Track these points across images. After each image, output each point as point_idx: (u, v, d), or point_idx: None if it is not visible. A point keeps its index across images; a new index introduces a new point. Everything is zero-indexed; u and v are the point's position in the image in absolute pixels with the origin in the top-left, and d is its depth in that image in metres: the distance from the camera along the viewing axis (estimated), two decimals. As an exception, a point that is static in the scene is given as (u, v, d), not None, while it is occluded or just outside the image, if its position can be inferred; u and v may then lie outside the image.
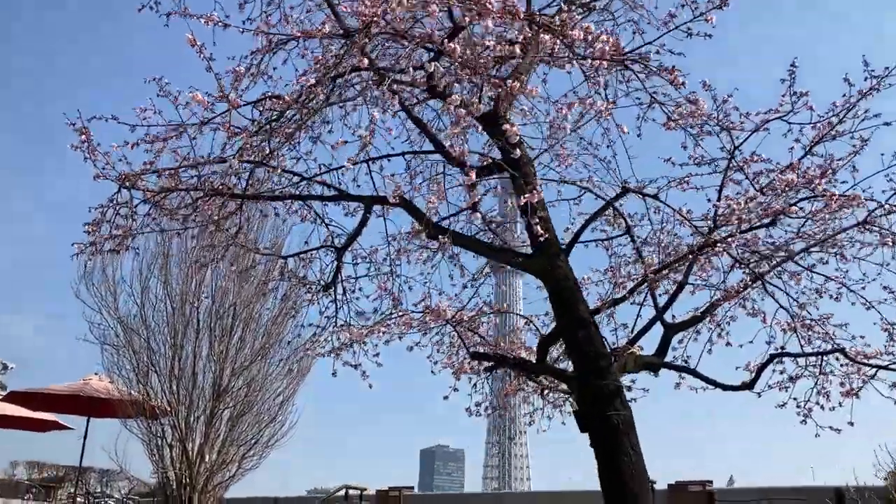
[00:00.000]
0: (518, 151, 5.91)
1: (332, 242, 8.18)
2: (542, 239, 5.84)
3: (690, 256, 6.15)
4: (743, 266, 7.16)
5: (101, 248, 7.28)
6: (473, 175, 5.08)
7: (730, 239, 5.70)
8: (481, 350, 8.26)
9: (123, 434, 13.39)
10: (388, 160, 7.85)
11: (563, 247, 6.45)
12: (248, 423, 13.38)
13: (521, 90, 5.24)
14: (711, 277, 7.73)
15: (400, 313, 6.73)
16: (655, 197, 6.02)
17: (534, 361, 7.55)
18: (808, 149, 7.14)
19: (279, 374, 13.77)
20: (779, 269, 7.36)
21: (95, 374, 15.58)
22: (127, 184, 6.88)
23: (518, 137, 5.67)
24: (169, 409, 12.99)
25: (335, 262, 8.30)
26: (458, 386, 8.82)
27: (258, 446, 13.42)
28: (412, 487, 18.69)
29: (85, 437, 15.67)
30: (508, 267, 8.34)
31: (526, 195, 5.51)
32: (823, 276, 7.66)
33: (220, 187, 7.58)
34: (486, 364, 7.56)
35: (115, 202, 7.14)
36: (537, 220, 5.66)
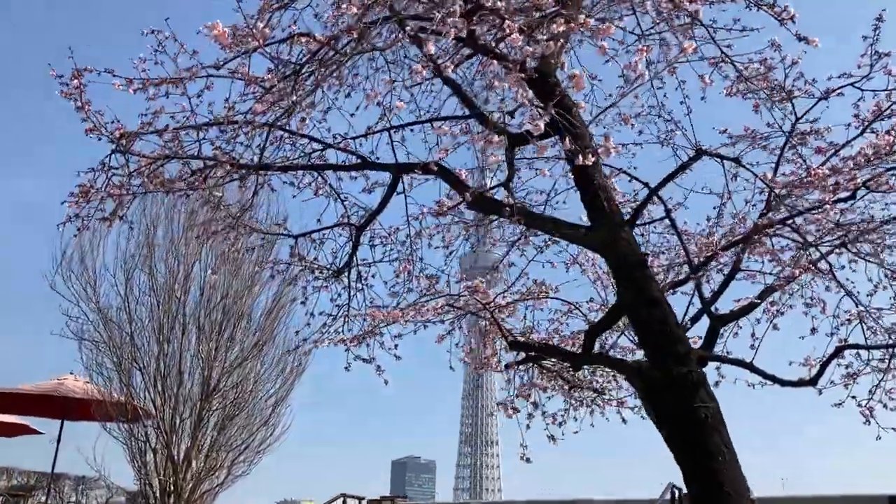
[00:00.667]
0: (582, 106, 5.08)
1: (348, 220, 7.32)
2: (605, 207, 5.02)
3: (767, 231, 5.36)
4: (810, 247, 6.39)
5: (89, 218, 6.34)
6: (542, 125, 4.23)
7: (826, 206, 4.92)
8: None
9: (102, 438, 12.33)
10: (412, 130, 7.05)
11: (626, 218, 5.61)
12: (238, 426, 12.40)
13: (601, 30, 4.42)
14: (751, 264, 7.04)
15: (432, 293, 5.88)
16: (737, 161, 5.25)
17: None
18: (865, 125, 6.39)
19: (272, 373, 12.81)
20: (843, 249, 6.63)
21: (71, 373, 14.46)
22: (122, 143, 5.96)
23: (582, 88, 4.81)
24: (153, 410, 11.97)
25: (351, 243, 7.45)
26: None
27: (249, 451, 12.44)
28: (405, 497, 17.79)
29: (59, 442, 14.53)
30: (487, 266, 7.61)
31: (592, 157, 4.66)
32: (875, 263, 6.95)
33: (225, 156, 6.72)
34: (522, 356, 6.71)
35: (106, 166, 6.22)
36: (606, 185, 4.86)
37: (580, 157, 4.71)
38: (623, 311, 5.56)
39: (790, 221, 6.02)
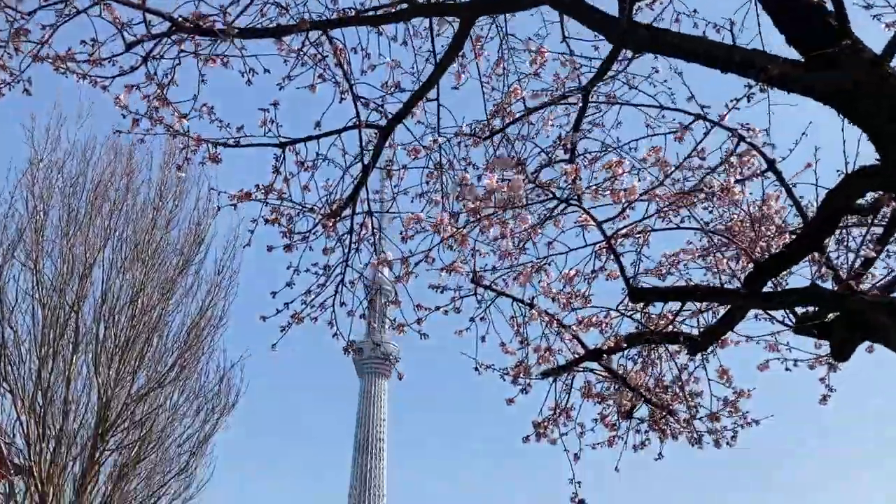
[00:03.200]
0: None
1: (366, 122, 5.07)
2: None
3: None
4: None
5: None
6: None
7: None
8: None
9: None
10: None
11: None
12: (144, 475, 9.45)
13: None
14: None
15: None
16: None
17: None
18: None
19: (192, 407, 9.97)
20: None
21: None
22: None
23: None
24: (25, 450, 8.92)
25: (366, 160, 5.18)
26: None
27: (158, 510, 9.46)
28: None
29: None
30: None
31: None
32: None
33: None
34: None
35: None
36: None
37: None
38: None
39: None
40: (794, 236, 4.48)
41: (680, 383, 5.61)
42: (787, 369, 5.39)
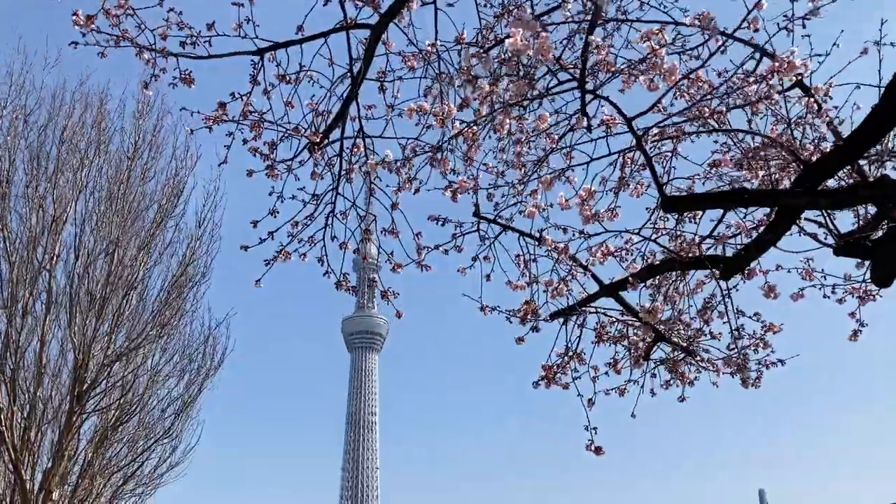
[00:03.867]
0: None
1: (354, 21, 4.48)
2: None
3: None
4: None
5: None
6: None
7: None
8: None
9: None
10: None
11: None
12: (125, 440, 8.93)
13: None
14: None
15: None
16: None
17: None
18: None
19: (176, 368, 9.44)
20: None
21: None
22: None
23: None
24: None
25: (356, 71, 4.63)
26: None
27: (141, 476, 8.97)
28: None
29: None
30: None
31: None
32: None
33: None
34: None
35: None
36: None
37: None
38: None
39: None
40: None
41: (706, 315, 5.14)
42: (825, 296, 4.95)
